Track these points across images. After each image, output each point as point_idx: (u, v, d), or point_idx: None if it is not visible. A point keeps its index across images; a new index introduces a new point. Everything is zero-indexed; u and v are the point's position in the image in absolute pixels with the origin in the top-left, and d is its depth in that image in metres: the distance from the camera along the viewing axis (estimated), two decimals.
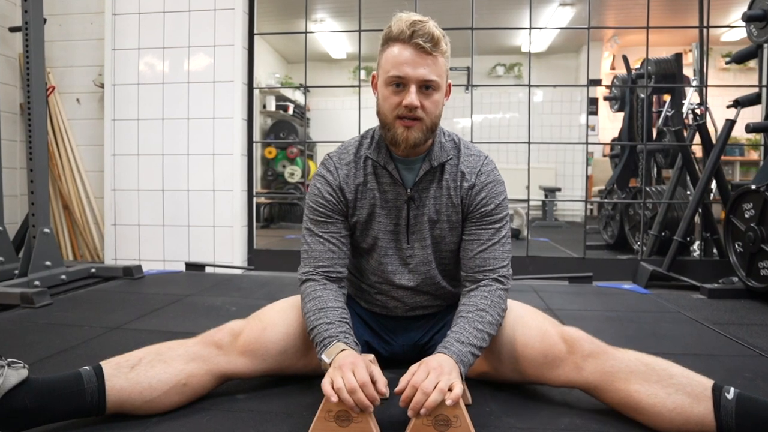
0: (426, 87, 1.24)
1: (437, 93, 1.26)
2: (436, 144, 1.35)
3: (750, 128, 2.73)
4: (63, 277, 2.69)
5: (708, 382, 1.10)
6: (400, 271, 1.40)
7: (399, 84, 1.24)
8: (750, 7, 2.70)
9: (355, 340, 1.22)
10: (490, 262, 1.32)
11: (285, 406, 1.26)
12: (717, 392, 1.08)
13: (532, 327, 1.28)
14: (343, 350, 1.14)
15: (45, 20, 2.77)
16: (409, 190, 1.35)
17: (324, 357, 1.16)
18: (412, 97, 1.22)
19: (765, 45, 3.28)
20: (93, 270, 2.94)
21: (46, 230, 2.65)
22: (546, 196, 6.54)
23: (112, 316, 2.12)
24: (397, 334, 1.46)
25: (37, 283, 2.50)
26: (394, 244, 1.38)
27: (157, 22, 3.41)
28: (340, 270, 1.35)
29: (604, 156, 6.86)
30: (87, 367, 1.13)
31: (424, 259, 1.39)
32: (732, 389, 1.08)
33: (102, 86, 3.56)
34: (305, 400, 1.27)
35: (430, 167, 1.34)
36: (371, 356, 1.30)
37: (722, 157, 3.09)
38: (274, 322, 1.32)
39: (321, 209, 1.36)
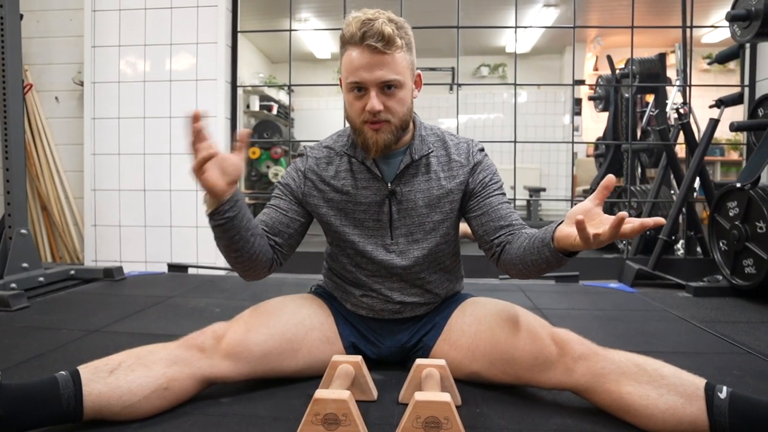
0: (387, 87, 1.23)
1: (401, 91, 1.25)
2: (416, 137, 1.35)
3: (734, 127, 2.74)
4: (41, 279, 2.62)
5: (700, 382, 1.09)
6: (387, 267, 1.37)
7: (360, 89, 1.23)
8: (733, 7, 2.71)
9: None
10: (514, 220, 1.33)
11: (270, 409, 1.22)
12: (710, 392, 1.07)
13: (522, 329, 1.26)
14: None
15: (22, 16, 2.70)
16: (389, 185, 1.33)
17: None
18: (373, 102, 1.21)
19: (747, 45, 3.32)
20: (72, 272, 2.87)
21: (23, 231, 2.59)
22: (530, 196, 6.55)
23: (92, 319, 2.07)
24: (384, 336, 1.44)
25: (13, 285, 2.43)
26: (375, 240, 1.37)
27: (138, 19, 3.35)
28: (270, 235, 1.34)
29: (587, 156, 6.90)
30: (63, 372, 1.09)
31: (410, 254, 1.36)
32: (725, 388, 1.07)
33: (81, 84, 3.49)
34: (291, 404, 1.24)
35: (412, 160, 1.33)
36: (359, 357, 1.27)
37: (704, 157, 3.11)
38: (258, 324, 1.29)
39: (281, 187, 1.40)
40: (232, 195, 1.15)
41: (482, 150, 1.41)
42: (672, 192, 3.72)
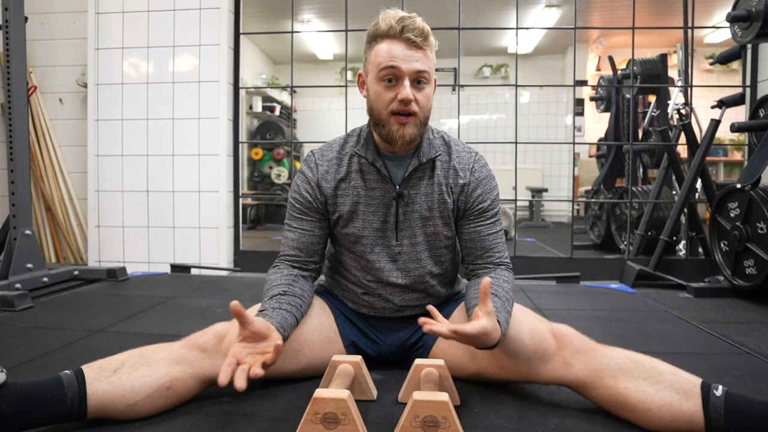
0: (418, 81, 1.26)
1: (428, 86, 1.29)
2: (424, 140, 1.37)
3: (735, 128, 2.74)
4: (45, 279, 2.65)
5: (696, 380, 1.11)
6: (389, 268, 1.39)
7: (392, 79, 1.26)
8: (734, 8, 2.71)
9: (272, 312, 1.21)
10: (495, 253, 1.37)
11: (271, 408, 1.24)
12: (706, 389, 1.08)
13: (522, 323, 1.28)
14: None
15: (26, 19, 2.72)
16: (397, 187, 1.34)
17: None
18: (407, 90, 1.24)
19: (749, 46, 3.32)
20: (76, 272, 2.89)
21: (28, 232, 2.61)
22: (533, 197, 6.56)
23: (95, 319, 2.08)
24: (385, 334, 1.45)
25: (18, 285, 2.45)
26: (382, 241, 1.38)
27: (141, 21, 3.37)
28: (307, 260, 1.40)
29: (590, 156, 6.91)
30: (68, 371, 1.10)
31: (413, 256, 1.39)
32: (720, 386, 1.08)
33: (85, 86, 3.51)
34: (292, 403, 1.26)
35: (419, 163, 1.35)
36: (358, 357, 1.29)
37: (707, 158, 3.12)
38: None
39: (299, 206, 1.40)
40: (281, 333, 1.16)
41: (486, 164, 1.41)
42: (674, 192, 3.73)
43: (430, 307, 1.14)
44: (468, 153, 1.41)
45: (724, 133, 3.74)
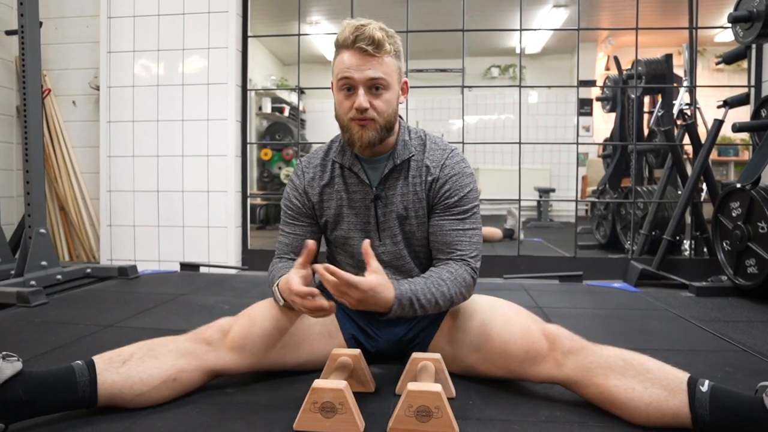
0: (375, 88, 1.29)
1: (387, 92, 1.31)
2: (399, 142, 1.40)
3: (736, 128, 2.76)
4: (59, 276, 2.72)
5: (684, 376, 1.13)
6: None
7: (349, 88, 1.30)
8: (736, 8, 2.73)
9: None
10: (457, 249, 1.36)
11: (272, 399, 1.29)
12: (692, 385, 1.10)
13: (515, 324, 1.31)
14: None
15: (41, 23, 2.79)
16: (374, 189, 1.39)
17: (276, 293, 1.35)
18: (360, 99, 1.28)
19: (753, 45, 3.32)
20: (88, 270, 2.97)
21: (42, 231, 2.68)
22: (540, 197, 6.57)
23: (106, 315, 2.15)
24: (382, 330, 1.49)
25: (33, 282, 2.52)
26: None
27: (151, 25, 3.44)
28: None
29: (599, 156, 6.89)
30: (79, 362, 1.16)
31: (396, 255, 1.43)
32: (707, 382, 1.10)
33: (97, 88, 3.59)
34: (293, 394, 1.30)
35: (394, 165, 1.39)
36: (357, 350, 1.33)
37: (717, 158, 3.13)
38: (263, 319, 1.35)
39: (290, 212, 1.47)
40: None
41: (461, 161, 1.41)
42: (679, 192, 3.73)
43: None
44: (442, 150, 1.42)
45: (735, 133, 3.72)
